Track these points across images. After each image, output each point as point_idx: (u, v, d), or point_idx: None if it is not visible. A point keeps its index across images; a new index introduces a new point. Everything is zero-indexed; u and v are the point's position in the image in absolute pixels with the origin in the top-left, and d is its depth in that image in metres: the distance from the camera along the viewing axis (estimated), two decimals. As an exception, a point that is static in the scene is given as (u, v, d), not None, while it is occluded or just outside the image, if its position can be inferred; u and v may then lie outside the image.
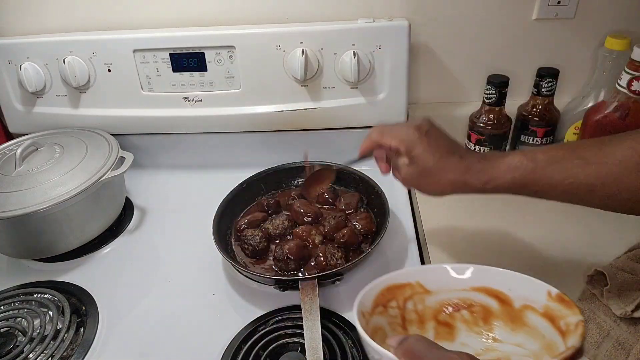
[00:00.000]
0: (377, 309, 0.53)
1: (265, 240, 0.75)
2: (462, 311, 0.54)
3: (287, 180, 0.91)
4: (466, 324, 0.54)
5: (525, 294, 0.50)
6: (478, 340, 0.53)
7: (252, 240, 0.74)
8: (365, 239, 0.77)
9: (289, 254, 0.70)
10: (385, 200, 0.78)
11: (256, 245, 0.74)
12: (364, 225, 0.77)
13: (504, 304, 0.52)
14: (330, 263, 0.70)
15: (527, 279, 0.50)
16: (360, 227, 0.77)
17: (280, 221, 0.78)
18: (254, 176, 0.87)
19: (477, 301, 0.53)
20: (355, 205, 0.82)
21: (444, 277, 0.55)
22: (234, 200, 0.83)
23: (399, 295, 0.55)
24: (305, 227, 0.77)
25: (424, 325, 0.55)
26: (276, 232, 0.77)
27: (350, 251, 0.74)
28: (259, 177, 0.87)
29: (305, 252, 0.72)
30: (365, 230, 0.77)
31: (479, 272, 0.53)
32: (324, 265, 0.70)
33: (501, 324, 0.52)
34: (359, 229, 0.77)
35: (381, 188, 0.81)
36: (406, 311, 0.55)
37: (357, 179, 0.85)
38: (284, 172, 0.90)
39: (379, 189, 0.81)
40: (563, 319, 0.45)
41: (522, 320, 0.50)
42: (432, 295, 0.55)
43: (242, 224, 0.79)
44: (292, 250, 0.71)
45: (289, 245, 0.71)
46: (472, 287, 0.53)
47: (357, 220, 0.78)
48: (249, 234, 0.75)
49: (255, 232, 0.75)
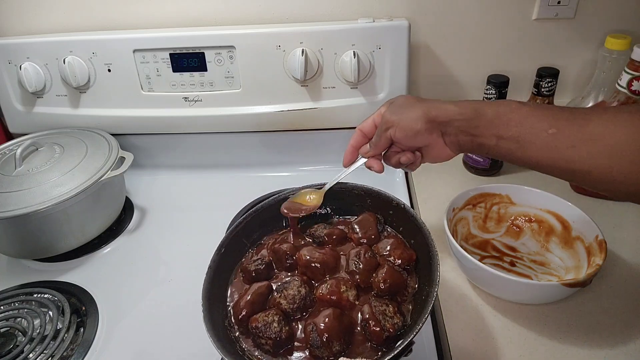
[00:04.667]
0: (467, 206, 0.73)
1: (286, 324, 0.53)
2: (533, 223, 0.73)
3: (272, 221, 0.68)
4: (532, 231, 0.73)
5: (582, 229, 0.66)
6: (535, 244, 0.72)
7: (270, 330, 0.52)
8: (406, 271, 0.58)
9: (327, 335, 0.50)
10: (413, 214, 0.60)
11: (277, 337, 0.52)
12: (400, 255, 0.58)
13: (565, 229, 0.69)
14: (386, 327, 0.51)
15: (588, 220, 0.65)
16: (397, 259, 0.58)
17: (295, 290, 0.56)
18: (231, 232, 0.63)
19: (546, 220, 0.71)
20: (375, 231, 0.63)
21: (530, 196, 0.72)
22: (218, 275, 0.59)
23: (488, 200, 0.73)
24: (332, 285, 0.56)
25: (500, 223, 0.74)
26: (294, 307, 0.55)
27: (397, 298, 0.55)
28: (238, 231, 0.64)
29: (345, 322, 0.52)
30: (405, 262, 0.58)
31: (557, 202, 0.69)
32: (381, 333, 0.50)
33: (556, 241, 0.70)
34: (397, 263, 0.57)
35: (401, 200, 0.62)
36: (490, 212, 0.74)
37: (362, 194, 0.66)
38: (265, 212, 0.67)
39: (398, 200, 0.62)
40: (594, 256, 0.62)
41: (572, 244, 0.68)
42: (515, 207, 0.73)
43: (243, 310, 0.55)
44: (330, 328, 0.51)
45: (323, 321, 0.51)
46: (548, 210, 0.71)
47: (389, 252, 0.59)
48: (261, 324, 0.53)
49: (269, 317, 0.53)
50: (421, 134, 0.56)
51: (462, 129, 0.55)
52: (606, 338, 0.58)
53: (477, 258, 0.61)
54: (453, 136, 0.56)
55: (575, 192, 0.82)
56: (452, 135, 0.56)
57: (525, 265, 0.69)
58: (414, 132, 0.56)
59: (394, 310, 0.52)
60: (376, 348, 0.51)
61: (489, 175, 0.89)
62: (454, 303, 0.65)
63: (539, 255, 0.71)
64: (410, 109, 0.57)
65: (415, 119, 0.56)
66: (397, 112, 0.57)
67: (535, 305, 0.63)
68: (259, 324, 0.53)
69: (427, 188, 0.86)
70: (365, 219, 0.64)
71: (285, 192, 0.67)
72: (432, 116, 0.55)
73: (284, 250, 0.61)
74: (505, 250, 0.72)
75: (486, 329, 0.61)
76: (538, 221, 0.72)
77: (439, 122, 0.55)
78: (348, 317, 0.53)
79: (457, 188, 0.73)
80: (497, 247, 0.72)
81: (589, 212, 0.66)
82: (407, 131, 0.57)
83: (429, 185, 0.87)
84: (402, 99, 0.59)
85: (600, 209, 0.78)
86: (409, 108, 0.57)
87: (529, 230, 0.73)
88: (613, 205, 0.79)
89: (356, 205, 0.66)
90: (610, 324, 0.60)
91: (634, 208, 0.79)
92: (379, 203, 0.64)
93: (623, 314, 0.61)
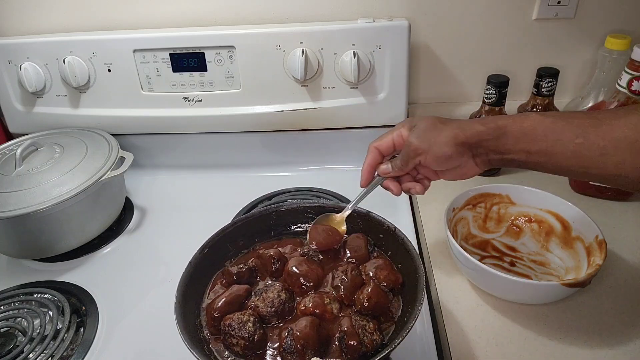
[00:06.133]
0: (467, 206, 0.73)
1: (260, 327, 0.52)
2: (533, 223, 0.73)
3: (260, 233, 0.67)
4: (532, 232, 0.73)
5: (582, 229, 0.66)
6: (535, 244, 0.72)
7: (243, 330, 0.50)
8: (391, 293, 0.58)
9: (302, 341, 0.49)
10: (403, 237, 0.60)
11: (250, 337, 0.50)
12: (387, 277, 0.58)
13: (565, 229, 0.69)
14: (364, 342, 0.49)
15: (588, 220, 0.65)
16: (382, 281, 0.57)
17: (275, 293, 0.55)
18: (217, 234, 0.64)
19: (547, 220, 0.71)
20: (364, 251, 0.62)
21: (530, 196, 0.72)
22: (197, 273, 0.60)
23: (488, 200, 0.74)
24: (316, 297, 0.55)
25: (500, 223, 0.74)
26: (271, 310, 0.54)
27: (380, 318, 0.54)
28: (224, 235, 0.64)
29: (322, 333, 0.51)
30: (390, 285, 0.57)
31: (557, 202, 0.70)
32: (358, 347, 0.49)
33: (556, 241, 0.70)
34: (383, 284, 0.57)
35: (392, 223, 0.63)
36: (490, 212, 0.74)
37: (354, 216, 0.65)
38: (255, 221, 0.67)
39: (389, 224, 0.63)
40: (594, 256, 0.62)
41: (571, 244, 0.68)
42: (515, 207, 0.74)
43: (217, 308, 0.55)
44: (306, 335, 0.49)
45: (300, 327, 0.50)
46: (548, 210, 0.71)
47: (375, 272, 0.58)
48: (235, 322, 0.51)
49: (245, 316, 0.52)
50: (453, 159, 0.56)
51: (491, 148, 0.55)
52: (606, 338, 0.58)
53: (477, 258, 0.61)
54: (484, 156, 0.56)
55: (575, 192, 0.82)
56: (482, 155, 0.56)
57: (525, 265, 0.69)
58: (445, 157, 0.56)
59: (374, 328, 0.51)
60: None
61: (489, 175, 0.89)
62: (454, 303, 0.65)
63: (538, 255, 0.71)
64: (438, 134, 0.56)
65: (445, 144, 0.55)
66: (425, 138, 0.56)
67: (535, 305, 0.63)
68: (233, 322, 0.51)
69: (427, 188, 0.86)
70: (356, 239, 0.64)
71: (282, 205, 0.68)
72: (462, 140, 0.55)
73: (271, 255, 0.61)
74: (505, 250, 0.72)
75: (486, 329, 0.61)
76: (538, 221, 0.72)
77: (469, 144, 0.55)
78: (326, 329, 0.52)
79: (457, 188, 0.73)
80: (497, 247, 0.72)
81: (589, 212, 0.66)
82: (439, 157, 0.56)
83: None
84: (425, 122, 0.57)
85: (600, 209, 0.78)
86: (436, 132, 0.56)
87: (529, 230, 0.73)
88: (613, 205, 0.79)
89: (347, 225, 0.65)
90: (610, 324, 0.60)
91: (634, 208, 0.79)
92: (370, 225, 0.64)
93: (623, 314, 0.61)
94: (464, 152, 0.56)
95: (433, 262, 0.72)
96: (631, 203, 0.80)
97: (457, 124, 0.56)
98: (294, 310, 0.56)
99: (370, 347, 0.49)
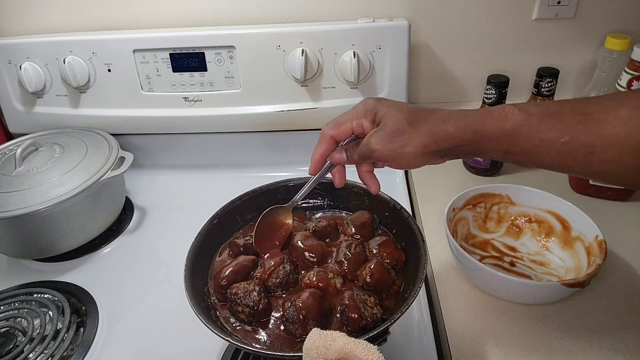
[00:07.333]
0: (467, 206, 0.73)
1: (265, 297, 0.55)
2: (533, 223, 0.73)
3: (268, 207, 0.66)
4: (532, 231, 0.73)
5: (582, 229, 0.66)
6: (535, 244, 0.72)
7: (249, 299, 0.53)
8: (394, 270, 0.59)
9: (304, 312, 0.51)
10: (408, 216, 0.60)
11: (255, 305, 0.53)
12: (390, 254, 0.58)
13: (565, 229, 0.69)
14: (365, 315, 0.51)
15: (588, 220, 0.65)
16: (386, 257, 0.58)
17: (280, 265, 0.57)
18: (227, 206, 0.66)
19: (547, 220, 0.71)
20: (370, 229, 0.63)
21: (530, 196, 0.72)
22: (206, 243, 0.62)
23: (488, 200, 0.74)
24: (320, 271, 0.56)
25: (500, 223, 0.75)
26: (276, 281, 0.56)
27: (382, 294, 0.56)
28: (234, 207, 0.66)
29: (324, 305, 0.53)
30: (394, 262, 0.58)
31: (557, 202, 0.70)
32: (358, 320, 0.51)
33: (556, 241, 0.70)
34: (386, 261, 0.58)
35: (398, 202, 0.63)
36: (490, 212, 0.74)
37: (361, 193, 0.66)
38: (263, 195, 0.68)
39: (395, 203, 0.63)
40: (594, 256, 0.62)
41: (571, 244, 0.68)
42: (515, 207, 0.74)
43: (225, 276, 0.57)
44: (309, 306, 0.51)
45: (303, 299, 0.52)
46: (548, 210, 0.71)
47: (379, 249, 0.59)
48: (241, 291, 0.54)
49: (250, 286, 0.54)
50: (420, 165, 0.52)
51: (467, 152, 0.50)
52: (606, 338, 0.58)
53: (477, 258, 0.61)
54: (454, 156, 0.52)
55: (575, 192, 0.82)
56: (452, 156, 0.51)
57: (525, 265, 0.69)
58: (411, 166, 0.52)
59: (374, 302, 0.53)
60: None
61: (489, 175, 0.89)
62: (454, 303, 0.65)
63: (539, 255, 0.71)
64: (405, 142, 0.49)
65: (413, 156, 0.50)
66: (391, 147, 0.50)
67: (535, 305, 0.63)
68: (239, 291, 0.54)
69: (427, 188, 0.86)
70: (362, 216, 0.64)
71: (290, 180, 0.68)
72: (432, 149, 0.49)
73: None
74: (505, 250, 0.72)
75: (486, 329, 0.61)
76: (538, 221, 0.72)
77: (440, 151, 0.50)
78: (329, 302, 0.54)
79: (457, 188, 0.74)
80: (497, 247, 0.72)
81: (589, 212, 0.66)
82: (405, 166, 0.53)
83: (429, 185, 0.87)
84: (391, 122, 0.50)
85: (600, 209, 0.78)
86: (403, 139, 0.49)
87: (529, 230, 0.73)
88: (613, 205, 0.79)
89: (353, 203, 0.67)
90: (610, 324, 0.60)
91: (634, 208, 0.79)
92: (376, 203, 0.65)
93: (623, 314, 0.61)
94: (434, 157, 0.51)
95: (433, 262, 0.72)
96: (631, 203, 0.80)
97: (427, 128, 0.49)
98: (298, 282, 0.57)
99: (370, 320, 0.51)
